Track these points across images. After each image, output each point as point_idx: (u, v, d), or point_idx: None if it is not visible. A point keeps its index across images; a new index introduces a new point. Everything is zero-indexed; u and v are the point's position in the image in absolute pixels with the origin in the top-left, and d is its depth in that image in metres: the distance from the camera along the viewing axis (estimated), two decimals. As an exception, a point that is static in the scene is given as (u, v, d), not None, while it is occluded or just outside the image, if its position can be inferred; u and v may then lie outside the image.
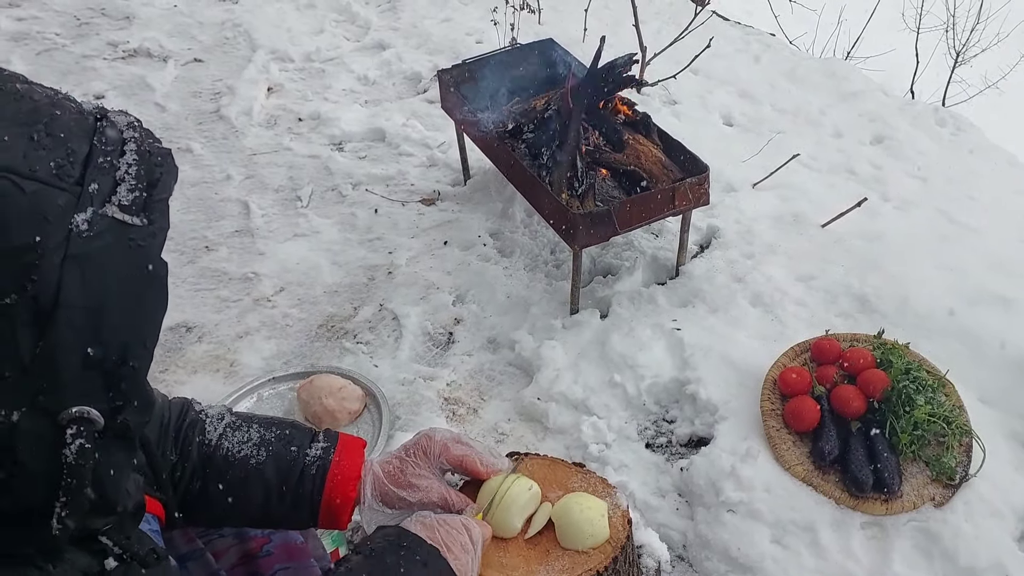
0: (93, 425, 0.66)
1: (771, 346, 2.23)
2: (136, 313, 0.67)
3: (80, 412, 0.65)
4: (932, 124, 3.47)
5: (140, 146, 0.69)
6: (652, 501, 1.99)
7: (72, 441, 0.65)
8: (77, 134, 0.66)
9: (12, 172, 0.60)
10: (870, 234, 2.65)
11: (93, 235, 0.63)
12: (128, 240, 0.66)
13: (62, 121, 0.66)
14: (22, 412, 0.63)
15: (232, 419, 1.19)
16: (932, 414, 1.92)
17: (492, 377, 2.37)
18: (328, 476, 1.16)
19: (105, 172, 0.66)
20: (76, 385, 0.64)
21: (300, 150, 3.29)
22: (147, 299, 0.69)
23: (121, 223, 0.65)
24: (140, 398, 0.70)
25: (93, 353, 0.64)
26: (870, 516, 1.84)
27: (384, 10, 4.27)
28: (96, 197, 0.64)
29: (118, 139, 0.68)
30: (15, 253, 0.60)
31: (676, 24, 3.65)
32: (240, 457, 1.15)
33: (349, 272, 2.72)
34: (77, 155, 0.65)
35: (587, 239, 2.30)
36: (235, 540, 1.28)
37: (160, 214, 0.68)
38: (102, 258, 0.64)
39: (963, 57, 5.74)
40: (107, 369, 0.66)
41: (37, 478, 0.65)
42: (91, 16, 4.17)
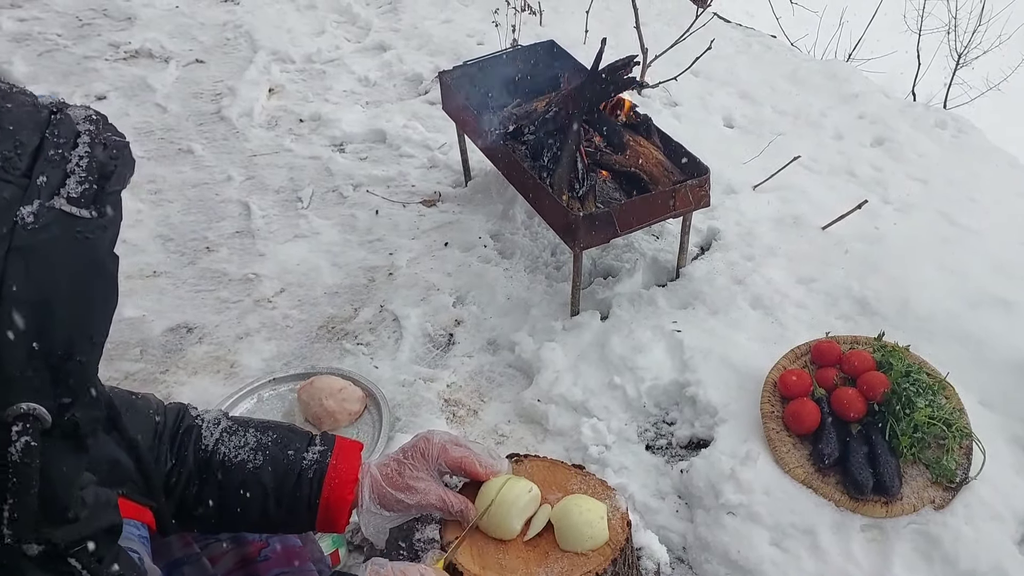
0: (40, 423, 0.64)
1: (771, 348, 2.23)
2: (83, 307, 0.66)
3: (27, 409, 0.63)
4: (933, 126, 3.47)
5: (94, 138, 0.68)
6: (652, 503, 1.99)
7: (17, 439, 0.63)
8: (28, 126, 0.65)
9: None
10: (871, 236, 2.65)
11: (39, 227, 0.62)
12: (76, 232, 0.64)
13: (13, 115, 0.65)
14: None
15: (228, 424, 1.18)
16: (932, 417, 1.92)
17: (492, 379, 2.37)
18: (325, 479, 1.15)
19: (55, 164, 0.65)
20: (20, 381, 0.63)
21: (301, 151, 3.29)
22: (95, 293, 0.67)
23: (69, 215, 0.64)
24: (88, 394, 0.68)
25: (38, 348, 0.63)
26: (870, 519, 1.84)
27: (385, 11, 4.27)
28: (44, 190, 0.63)
29: (72, 132, 0.67)
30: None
31: (677, 26, 3.65)
32: (237, 462, 1.14)
33: (349, 273, 2.72)
34: (26, 147, 0.64)
35: (587, 241, 2.30)
36: (232, 545, 1.28)
37: (112, 207, 0.67)
38: (48, 251, 0.62)
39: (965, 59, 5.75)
40: (53, 364, 0.64)
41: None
42: (93, 17, 4.17)
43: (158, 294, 2.62)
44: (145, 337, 2.47)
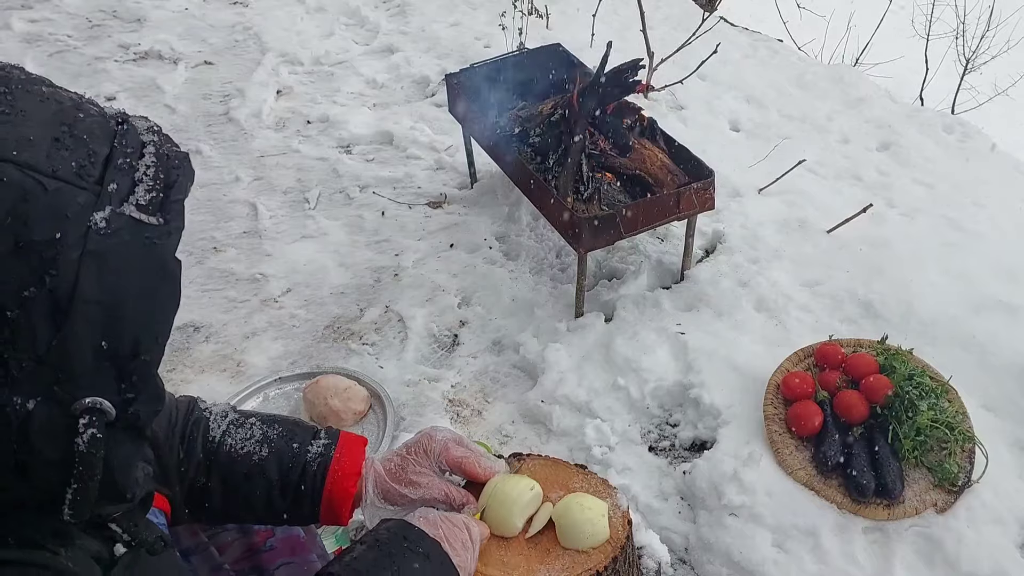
0: (105, 416, 0.68)
1: (775, 351, 2.24)
2: (149, 309, 0.69)
3: (93, 403, 0.67)
4: (939, 131, 3.47)
5: (159, 149, 0.72)
6: (654, 504, 2.00)
7: (84, 430, 0.67)
8: (99, 136, 0.69)
9: (35, 171, 0.63)
10: (875, 240, 2.65)
11: (111, 232, 0.65)
12: (144, 238, 0.68)
13: (85, 124, 0.68)
14: (37, 401, 0.65)
15: (235, 416, 1.21)
16: (935, 420, 1.92)
17: (496, 379, 2.38)
18: (329, 472, 1.17)
19: (124, 173, 0.68)
20: (89, 377, 0.66)
21: (308, 152, 3.31)
22: (160, 295, 0.70)
23: (138, 222, 0.67)
24: (150, 391, 0.72)
25: (107, 346, 0.66)
26: (872, 521, 1.85)
27: (393, 14, 4.29)
28: (115, 196, 0.67)
29: (137, 142, 0.71)
30: (36, 248, 0.62)
31: (684, 30, 3.66)
32: (243, 453, 1.16)
33: (356, 274, 2.74)
34: (98, 156, 0.67)
35: (592, 243, 2.31)
36: (239, 534, 1.30)
37: (176, 214, 0.70)
38: (118, 255, 0.66)
39: (972, 64, 5.74)
40: (119, 362, 0.68)
41: (50, 465, 0.67)
42: (103, 18, 4.21)
43: (166, 293, 2.64)
44: (153, 335, 2.48)
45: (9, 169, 0.62)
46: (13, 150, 0.63)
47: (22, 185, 0.62)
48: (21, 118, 0.65)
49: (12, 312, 0.62)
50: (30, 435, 0.65)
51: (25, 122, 0.65)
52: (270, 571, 1.28)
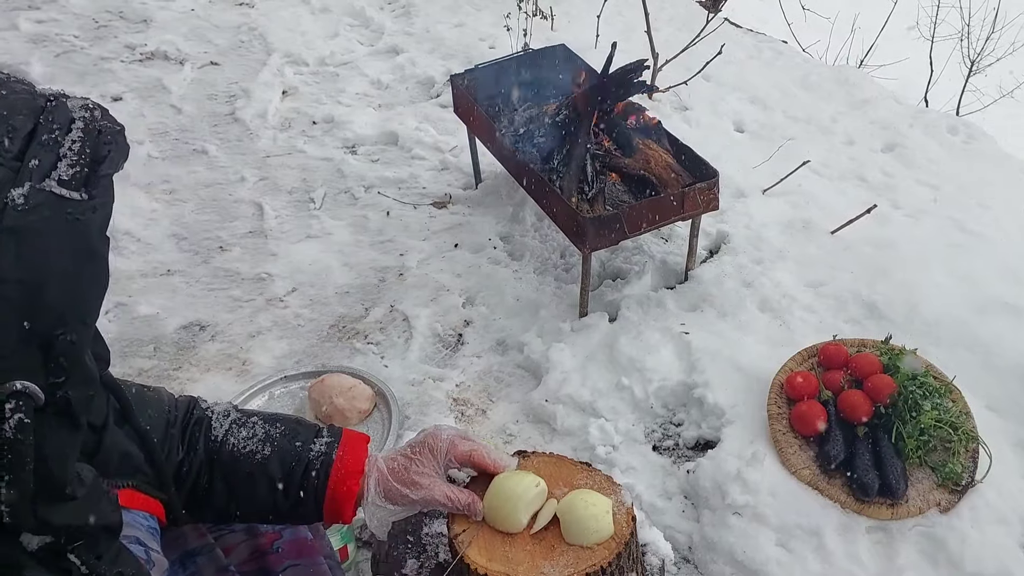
0: (32, 400, 0.65)
1: (779, 351, 2.24)
2: (74, 287, 0.67)
3: (19, 388, 0.64)
4: (944, 132, 3.47)
5: (88, 124, 0.69)
6: (658, 503, 2.00)
7: (11, 415, 0.64)
8: (22, 112, 0.67)
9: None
10: (880, 241, 2.66)
11: (29, 208, 0.63)
12: (66, 214, 0.65)
13: (7, 101, 0.67)
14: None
15: (237, 416, 1.20)
16: (939, 420, 1.92)
17: (501, 379, 2.39)
18: (332, 471, 1.17)
19: (48, 148, 0.66)
20: (13, 359, 0.64)
21: (313, 153, 3.32)
22: (86, 273, 0.68)
23: (59, 197, 0.65)
24: (81, 374, 0.69)
25: (29, 327, 0.64)
26: (876, 521, 1.85)
27: (398, 15, 4.31)
28: (36, 172, 0.65)
29: (66, 118, 0.69)
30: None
31: (688, 31, 3.67)
32: (245, 453, 1.16)
33: (360, 273, 2.75)
34: (19, 132, 0.65)
35: (596, 243, 2.31)
36: (246, 536, 1.30)
37: (103, 189, 0.68)
38: (38, 231, 0.64)
39: (978, 66, 5.73)
40: (45, 344, 0.65)
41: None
42: (109, 19, 4.23)
43: (171, 292, 2.65)
44: (158, 334, 2.50)
45: None
46: None
47: None
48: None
49: None
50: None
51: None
52: (277, 573, 1.27)
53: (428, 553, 1.43)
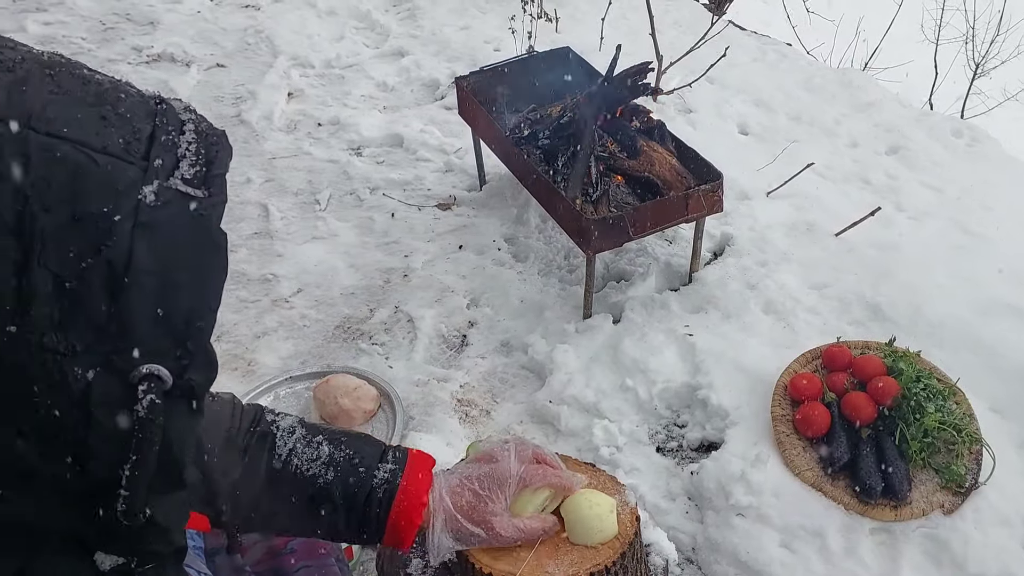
0: (162, 383, 0.68)
1: (782, 353, 2.25)
2: (201, 277, 0.71)
3: (150, 370, 0.68)
4: (948, 135, 3.47)
5: (197, 127, 0.73)
6: (662, 504, 2.01)
7: (143, 396, 0.68)
8: (140, 115, 0.70)
9: (87, 147, 0.65)
10: (884, 243, 2.66)
11: (160, 205, 0.67)
12: (192, 210, 0.69)
13: (127, 103, 0.70)
14: (96, 371, 0.66)
15: (303, 433, 1.18)
16: (942, 422, 1.93)
17: (505, 380, 2.40)
18: (395, 500, 1.15)
19: (168, 149, 0.70)
20: (146, 344, 0.67)
21: (319, 154, 3.33)
22: (211, 264, 0.72)
23: (184, 194, 0.69)
24: (204, 358, 0.73)
25: (162, 314, 0.68)
26: (879, 522, 1.85)
27: (404, 18, 4.32)
28: (161, 171, 0.68)
29: (177, 121, 0.72)
30: (92, 220, 0.64)
31: (692, 34, 3.67)
32: (308, 476, 1.14)
33: (366, 275, 2.76)
34: (142, 133, 0.69)
35: (601, 244, 2.32)
36: (260, 536, 1.31)
37: (219, 187, 0.72)
38: (169, 226, 0.67)
39: (982, 69, 5.73)
40: (175, 330, 0.69)
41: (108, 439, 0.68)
42: (116, 21, 4.25)
43: (178, 293, 2.66)
44: (165, 335, 2.51)
45: (64, 146, 0.64)
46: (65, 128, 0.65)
47: (76, 161, 0.64)
48: (69, 98, 0.67)
49: (71, 283, 0.64)
50: (90, 406, 0.66)
51: (73, 102, 0.67)
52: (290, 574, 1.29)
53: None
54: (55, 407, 0.65)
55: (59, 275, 0.63)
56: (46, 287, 0.63)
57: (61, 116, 0.65)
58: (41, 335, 0.63)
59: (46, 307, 0.63)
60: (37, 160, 0.63)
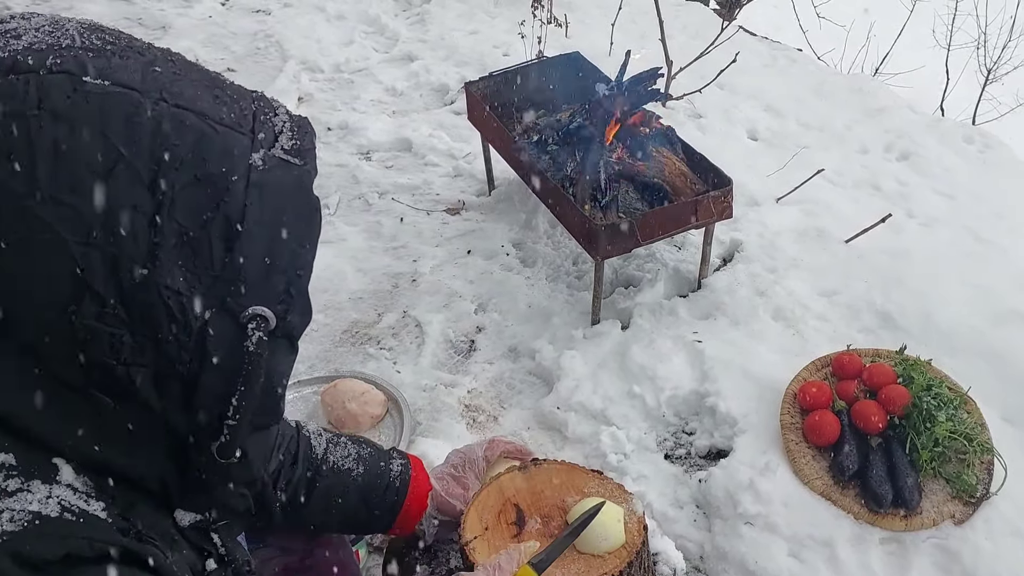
0: (268, 323, 0.77)
1: (792, 360, 2.23)
2: (302, 231, 0.80)
3: (258, 311, 0.77)
4: (960, 141, 3.45)
5: (288, 112, 0.85)
6: (670, 512, 2.00)
7: (252, 334, 0.77)
8: (244, 97, 0.82)
9: (208, 117, 0.75)
10: (894, 250, 2.64)
11: (266, 169, 0.77)
12: (293, 175, 0.79)
13: (232, 87, 0.82)
14: (212, 311, 0.75)
15: (330, 435, 1.36)
16: (953, 431, 1.91)
17: (512, 385, 2.39)
18: (409, 488, 1.35)
19: (268, 127, 0.80)
20: (256, 289, 0.77)
21: (328, 159, 3.34)
22: (309, 220, 0.82)
23: (286, 162, 0.79)
24: (303, 303, 0.82)
25: (270, 263, 0.77)
26: (889, 532, 1.84)
27: (413, 22, 4.33)
28: (265, 143, 0.79)
29: (271, 105, 0.84)
30: (212, 179, 0.74)
31: (702, 39, 3.66)
32: (344, 470, 1.31)
33: (374, 279, 2.76)
34: (247, 111, 0.80)
35: (609, 250, 2.32)
36: (277, 552, 1.35)
37: (311, 159, 0.82)
38: (276, 185, 0.77)
39: (994, 74, 5.69)
40: (280, 275, 0.78)
41: (219, 372, 0.76)
42: (128, 25, 4.27)
43: (187, 296, 2.67)
44: (173, 338, 2.51)
45: (190, 116, 0.74)
46: (190, 101, 0.75)
47: (200, 128, 0.74)
48: (188, 80, 0.77)
49: (194, 233, 0.73)
50: (206, 342, 0.75)
51: (192, 82, 0.77)
52: None
53: (439, 560, 1.44)
54: (175, 343, 0.73)
55: (184, 225, 0.72)
56: (172, 236, 0.72)
57: (186, 92, 0.75)
58: (167, 278, 0.72)
59: (172, 253, 0.72)
60: (168, 126, 0.72)
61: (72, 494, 0.72)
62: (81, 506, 0.72)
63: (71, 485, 0.73)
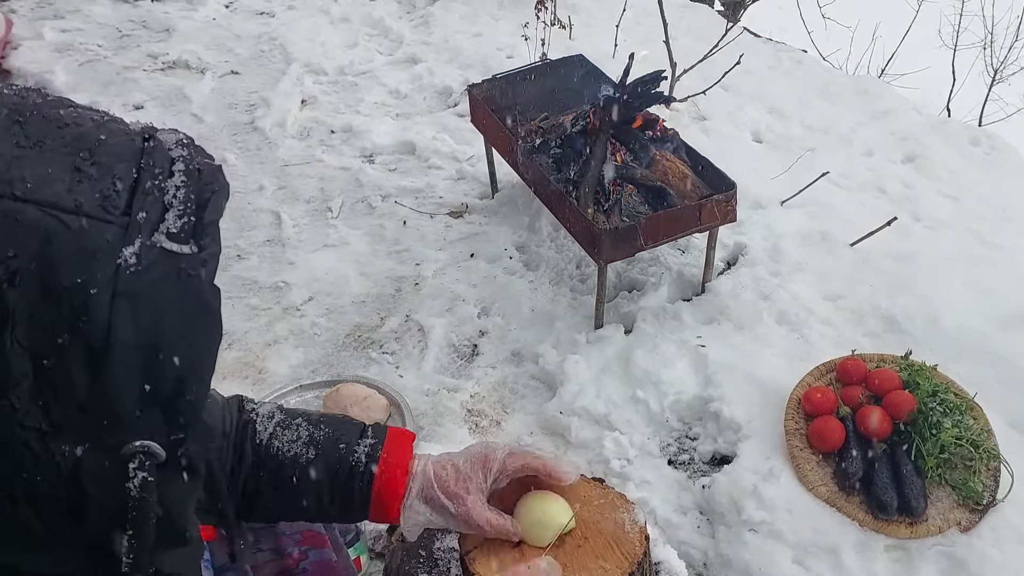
0: (155, 458, 0.65)
1: (796, 365, 2.22)
2: (191, 346, 0.65)
3: (141, 447, 0.64)
4: (966, 143, 3.43)
5: (188, 165, 0.67)
6: (673, 518, 1.99)
7: (135, 475, 0.64)
8: (124, 158, 0.64)
9: (57, 208, 0.59)
10: (900, 254, 2.63)
11: (142, 269, 0.61)
12: (179, 271, 0.63)
13: (108, 146, 0.64)
14: (85, 448, 0.62)
15: (281, 417, 1.18)
16: (959, 437, 1.90)
17: (515, 390, 2.39)
18: (376, 474, 1.14)
19: (153, 198, 0.64)
20: (134, 421, 0.64)
21: (332, 162, 3.34)
22: (201, 330, 0.67)
23: (170, 252, 0.63)
24: (199, 430, 0.69)
25: (149, 389, 0.63)
26: (894, 539, 1.83)
27: (417, 25, 4.32)
28: (144, 226, 0.62)
29: (166, 159, 0.66)
30: (65, 294, 0.59)
31: (707, 40, 3.65)
32: (290, 456, 1.14)
33: (377, 283, 2.75)
34: (124, 182, 0.63)
35: (612, 254, 2.31)
36: (272, 556, 1.31)
37: (211, 239, 0.66)
38: (152, 292, 0.62)
39: (1001, 75, 5.66)
40: (165, 404, 0.65)
41: (104, 510, 0.65)
42: (132, 28, 4.27)
43: (190, 300, 2.67)
44: (176, 342, 2.51)
45: (29, 210, 0.58)
46: (31, 188, 0.58)
47: (44, 226, 0.58)
48: (38, 150, 0.60)
49: (48, 361, 0.59)
50: (82, 481, 0.63)
51: (43, 154, 0.60)
52: None
53: (440, 568, 1.43)
54: (45, 482, 0.62)
55: (35, 352, 0.59)
56: (22, 365, 0.59)
57: (28, 174, 0.58)
58: (22, 414, 0.59)
59: (24, 385, 0.59)
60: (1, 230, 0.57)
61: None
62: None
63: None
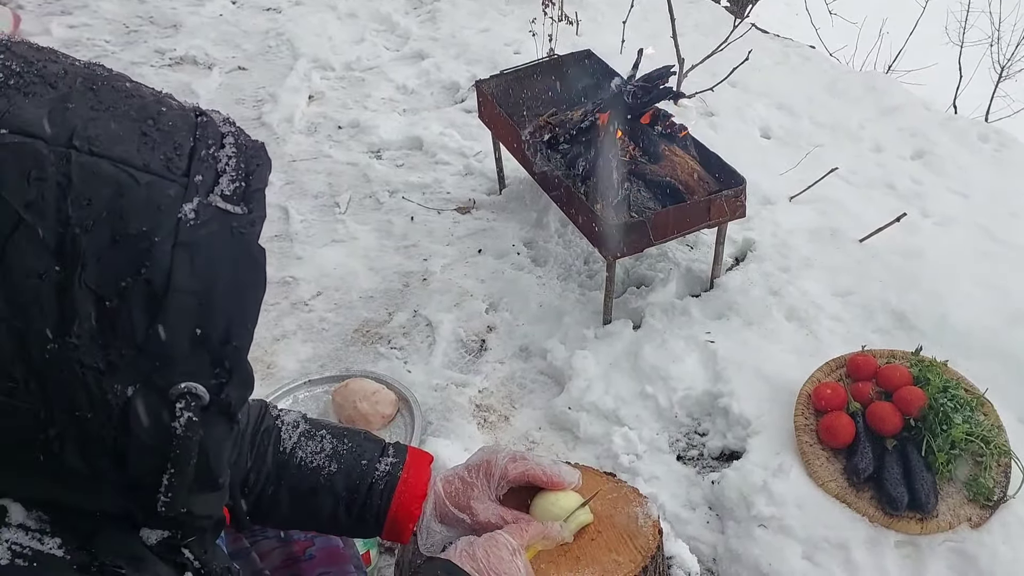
0: (200, 400, 0.69)
1: (806, 361, 2.22)
2: (239, 296, 0.71)
3: (188, 388, 0.68)
4: (974, 139, 3.42)
5: (237, 139, 0.73)
6: (683, 514, 1.99)
7: (181, 414, 0.69)
8: (182, 129, 0.70)
9: (128, 165, 0.65)
10: (909, 250, 2.62)
11: (199, 223, 0.67)
12: (231, 227, 0.69)
13: (168, 117, 0.70)
14: (136, 388, 0.67)
15: (306, 427, 1.21)
16: (970, 433, 1.89)
17: (524, 385, 2.39)
18: (395, 493, 1.17)
19: (208, 164, 0.70)
20: (185, 363, 0.68)
21: (339, 157, 3.34)
22: (249, 283, 0.72)
23: (224, 212, 0.69)
24: (241, 376, 0.73)
25: (200, 334, 0.68)
26: (904, 535, 1.82)
27: (424, 20, 4.32)
28: (201, 188, 0.68)
29: (217, 134, 0.72)
30: (132, 240, 0.64)
31: (714, 36, 3.64)
32: (312, 467, 1.17)
33: (385, 278, 2.76)
34: (183, 149, 0.69)
35: (621, 250, 2.30)
36: (279, 543, 1.32)
37: (258, 203, 0.72)
38: (208, 244, 0.67)
39: (1008, 71, 5.65)
40: (213, 349, 0.70)
41: (148, 450, 0.69)
42: (140, 24, 4.28)
43: (198, 295, 2.67)
44: (185, 337, 2.52)
45: (104, 165, 0.64)
46: (107, 146, 0.64)
47: (117, 180, 0.64)
48: (110, 114, 0.66)
49: (111, 303, 0.64)
50: (129, 421, 0.67)
51: (114, 118, 0.66)
52: None
53: None
54: (95, 422, 0.66)
55: (100, 294, 0.64)
56: (87, 306, 0.63)
57: (104, 133, 0.65)
58: (82, 352, 0.64)
59: (87, 325, 0.64)
60: (79, 180, 0.63)
61: (24, 535, 0.68)
62: (35, 547, 0.68)
63: (23, 525, 0.69)
